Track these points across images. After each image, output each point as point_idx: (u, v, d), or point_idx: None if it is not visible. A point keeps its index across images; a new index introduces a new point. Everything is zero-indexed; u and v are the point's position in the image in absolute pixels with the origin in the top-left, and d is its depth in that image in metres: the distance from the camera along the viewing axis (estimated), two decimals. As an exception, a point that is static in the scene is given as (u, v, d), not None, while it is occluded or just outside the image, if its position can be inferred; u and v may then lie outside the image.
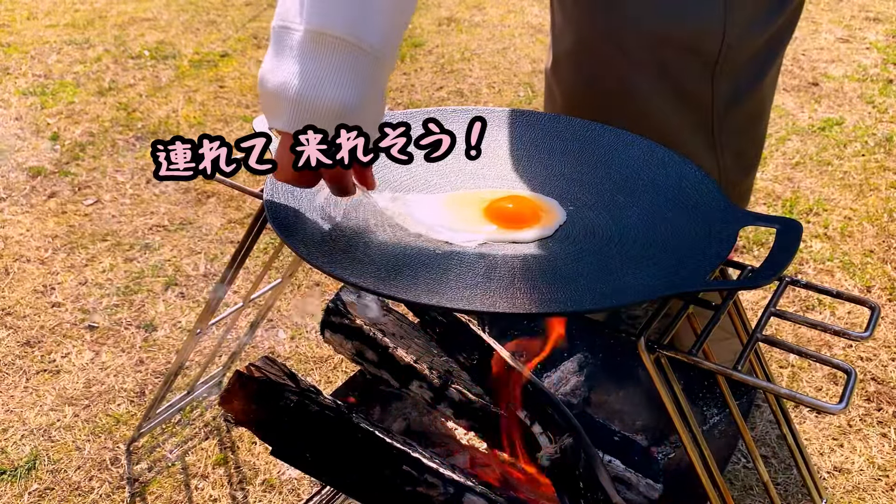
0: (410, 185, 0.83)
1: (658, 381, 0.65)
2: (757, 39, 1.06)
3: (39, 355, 1.42)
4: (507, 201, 0.82)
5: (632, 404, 1.05)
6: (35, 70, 2.52)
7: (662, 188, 0.82)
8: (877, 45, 2.63)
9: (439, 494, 0.81)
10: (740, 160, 1.18)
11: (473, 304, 0.65)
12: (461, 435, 0.99)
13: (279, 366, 0.87)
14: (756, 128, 1.20)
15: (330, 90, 0.66)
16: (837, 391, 1.33)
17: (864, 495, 1.17)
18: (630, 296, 0.65)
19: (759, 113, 1.18)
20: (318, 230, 0.74)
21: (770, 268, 0.66)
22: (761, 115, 1.19)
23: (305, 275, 1.63)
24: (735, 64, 1.06)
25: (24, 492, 1.17)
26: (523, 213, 0.79)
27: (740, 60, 1.06)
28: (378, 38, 0.67)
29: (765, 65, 1.11)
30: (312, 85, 0.66)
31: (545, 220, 0.79)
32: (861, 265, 1.64)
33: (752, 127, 1.19)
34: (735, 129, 1.14)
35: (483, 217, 0.79)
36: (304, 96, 0.66)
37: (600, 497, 0.82)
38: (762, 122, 1.21)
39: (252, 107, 2.30)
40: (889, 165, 1.99)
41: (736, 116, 1.13)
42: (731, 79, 1.07)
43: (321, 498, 1.09)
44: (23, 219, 1.80)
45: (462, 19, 2.94)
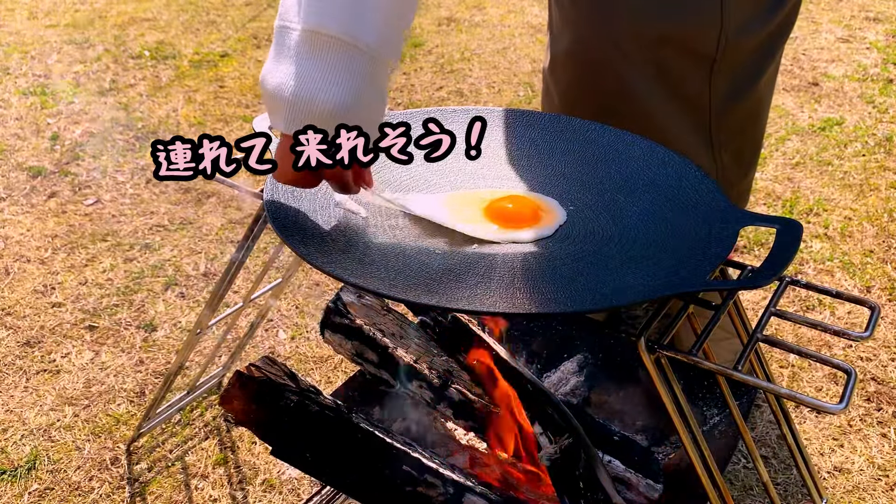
0: (410, 185, 0.83)
1: (658, 381, 0.65)
2: (754, 38, 1.06)
3: (39, 355, 1.42)
4: (507, 201, 0.82)
5: (632, 404, 1.05)
6: (35, 70, 2.52)
7: (662, 188, 0.82)
8: (877, 44, 2.62)
9: (439, 494, 0.81)
10: (738, 159, 1.18)
11: (473, 304, 0.64)
12: (461, 435, 0.99)
13: (279, 366, 0.87)
14: (754, 127, 1.20)
15: (325, 90, 0.66)
16: (837, 391, 1.33)
17: (864, 495, 1.17)
18: (630, 296, 0.65)
19: (757, 112, 1.18)
20: (318, 230, 0.74)
21: (770, 268, 0.66)
22: (759, 114, 1.19)
23: (305, 275, 1.63)
24: (733, 63, 1.06)
25: (24, 492, 1.17)
26: (523, 213, 0.79)
27: (738, 59, 1.06)
28: (374, 37, 0.67)
29: (763, 63, 1.11)
30: (308, 86, 0.66)
31: (545, 220, 0.78)
32: (861, 265, 1.64)
33: (751, 126, 1.19)
34: (733, 128, 1.14)
35: (483, 217, 0.79)
36: (299, 97, 0.66)
37: (600, 497, 0.82)
38: (760, 121, 1.21)
39: (252, 107, 2.30)
40: (889, 165, 1.99)
41: (734, 115, 1.13)
42: (729, 77, 1.07)
43: (321, 498, 1.09)
44: (23, 219, 1.80)
45: (462, 19, 2.94)
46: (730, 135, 1.14)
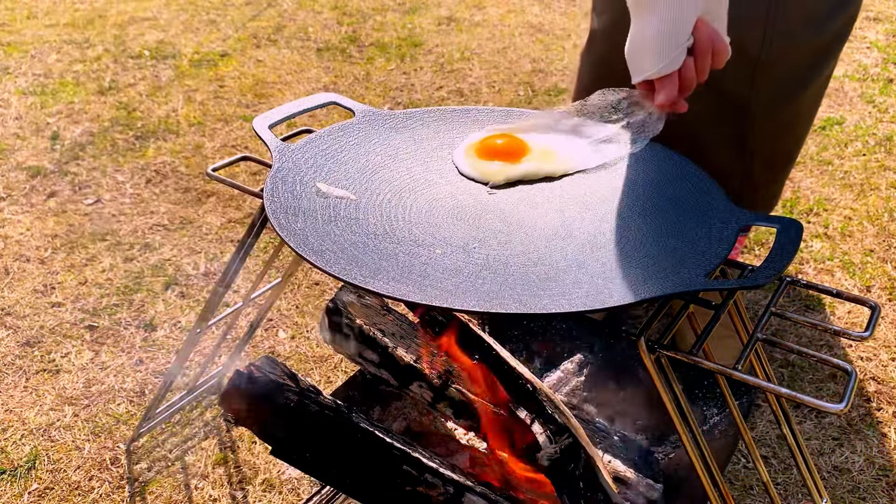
0: (411, 186, 0.83)
1: (658, 381, 0.65)
2: (804, 46, 1.05)
3: (39, 355, 1.42)
4: (495, 138, 0.89)
5: (632, 404, 1.05)
6: (35, 69, 2.52)
7: (663, 187, 0.82)
8: (877, 44, 2.62)
9: (439, 494, 0.81)
10: (769, 165, 1.17)
11: (473, 304, 0.64)
12: (461, 435, 0.99)
13: (279, 366, 0.87)
14: (792, 137, 1.18)
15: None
16: (838, 391, 1.33)
17: (865, 495, 1.17)
18: (630, 296, 0.65)
19: (797, 122, 1.17)
20: (318, 230, 0.74)
21: (770, 268, 0.66)
22: (800, 125, 1.18)
23: (305, 275, 1.63)
24: (779, 68, 1.05)
25: (24, 491, 1.17)
26: (512, 146, 0.83)
27: (785, 65, 1.05)
28: None
29: (810, 74, 1.09)
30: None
31: (544, 157, 0.84)
32: (861, 265, 1.64)
33: (789, 135, 1.17)
34: (769, 135, 1.13)
35: (480, 158, 0.85)
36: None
37: (600, 497, 0.82)
38: (798, 132, 1.19)
39: (252, 106, 2.30)
40: (889, 165, 1.99)
41: (772, 121, 1.11)
42: (774, 83, 1.06)
43: (321, 498, 1.09)
44: (23, 218, 1.80)
45: (462, 19, 2.94)
46: (765, 140, 1.12)
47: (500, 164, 0.85)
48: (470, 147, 0.88)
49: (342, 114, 0.99)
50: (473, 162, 0.86)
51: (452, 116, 0.96)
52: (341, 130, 0.92)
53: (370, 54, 2.66)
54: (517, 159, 0.86)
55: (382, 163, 0.87)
